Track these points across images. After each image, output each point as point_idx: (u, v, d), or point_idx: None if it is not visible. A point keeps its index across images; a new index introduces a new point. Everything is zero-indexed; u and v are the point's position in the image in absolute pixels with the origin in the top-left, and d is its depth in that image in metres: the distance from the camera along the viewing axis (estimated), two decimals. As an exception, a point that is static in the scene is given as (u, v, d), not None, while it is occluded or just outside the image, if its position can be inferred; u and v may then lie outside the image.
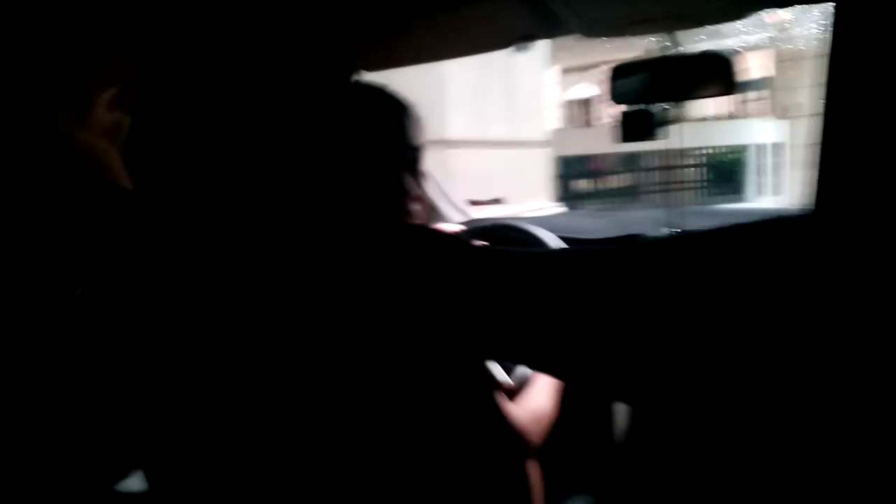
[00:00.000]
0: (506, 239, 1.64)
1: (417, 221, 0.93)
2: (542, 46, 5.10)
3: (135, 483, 0.70)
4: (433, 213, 1.99)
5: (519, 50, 1.35)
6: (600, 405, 1.54)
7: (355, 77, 1.42)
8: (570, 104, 18.08)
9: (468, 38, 1.29)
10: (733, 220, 0.52)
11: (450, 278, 0.60)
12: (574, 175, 13.83)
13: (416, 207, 0.91)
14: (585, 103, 17.93)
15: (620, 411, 1.28)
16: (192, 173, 0.64)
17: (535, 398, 1.13)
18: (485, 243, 0.64)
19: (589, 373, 0.56)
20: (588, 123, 17.62)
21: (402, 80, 0.87)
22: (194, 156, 0.64)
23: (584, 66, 14.96)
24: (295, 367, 0.62)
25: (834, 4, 0.44)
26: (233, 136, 0.63)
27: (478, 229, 1.71)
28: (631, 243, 0.55)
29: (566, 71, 15.71)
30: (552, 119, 14.09)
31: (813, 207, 0.46)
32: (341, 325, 0.61)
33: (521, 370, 1.30)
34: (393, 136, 0.84)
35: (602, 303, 0.53)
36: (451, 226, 1.61)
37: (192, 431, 0.65)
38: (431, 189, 2.03)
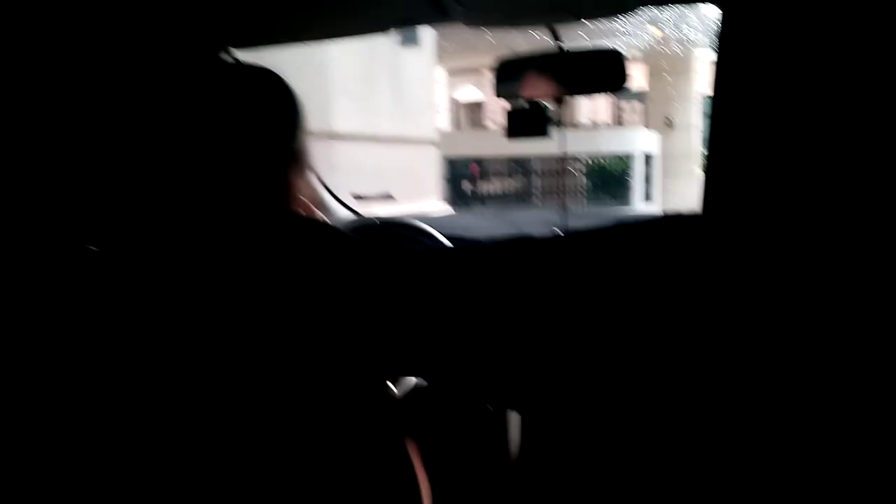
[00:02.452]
0: (397, 237, 1.59)
1: (304, 214, 0.89)
2: (428, 45, 5.11)
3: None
4: (317, 206, 1.92)
5: (405, 43, 1.33)
6: (493, 417, 1.53)
7: (230, 58, 1.34)
8: (458, 106, 18.35)
9: (345, 16, 1.23)
10: (617, 223, 0.52)
11: (339, 274, 0.56)
12: (462, 177, 14.00)
13: (302, 200, 0.86)
14: (473, 106, 18.25)
15: (514, 421, 1.26)
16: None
17: None
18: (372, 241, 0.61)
19: (480, 377, 0.54)
20: (476, 126, 17.96)
21: (282, 65, 0.82)
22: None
23: (469, 68, 15.21)
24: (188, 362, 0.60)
25: (720, 10, 0.44)
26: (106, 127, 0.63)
27: (367, 226, 1.66)
28: (523, 241, 0.54)
29: (452, 72, 15.91)
30: (441, 119, 14.24)
31: (701, 210, 0.47)
32: (234, 320, 0.59)
33: (408, 381, 1.26)
34: (277, 121, 0.77)
35: (493, 302, 0.51)
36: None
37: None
38: (315, 182, 1.96)
